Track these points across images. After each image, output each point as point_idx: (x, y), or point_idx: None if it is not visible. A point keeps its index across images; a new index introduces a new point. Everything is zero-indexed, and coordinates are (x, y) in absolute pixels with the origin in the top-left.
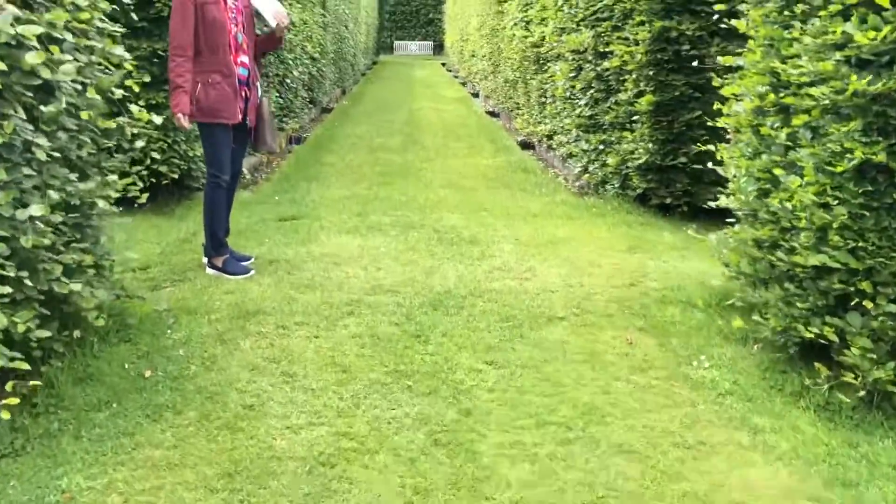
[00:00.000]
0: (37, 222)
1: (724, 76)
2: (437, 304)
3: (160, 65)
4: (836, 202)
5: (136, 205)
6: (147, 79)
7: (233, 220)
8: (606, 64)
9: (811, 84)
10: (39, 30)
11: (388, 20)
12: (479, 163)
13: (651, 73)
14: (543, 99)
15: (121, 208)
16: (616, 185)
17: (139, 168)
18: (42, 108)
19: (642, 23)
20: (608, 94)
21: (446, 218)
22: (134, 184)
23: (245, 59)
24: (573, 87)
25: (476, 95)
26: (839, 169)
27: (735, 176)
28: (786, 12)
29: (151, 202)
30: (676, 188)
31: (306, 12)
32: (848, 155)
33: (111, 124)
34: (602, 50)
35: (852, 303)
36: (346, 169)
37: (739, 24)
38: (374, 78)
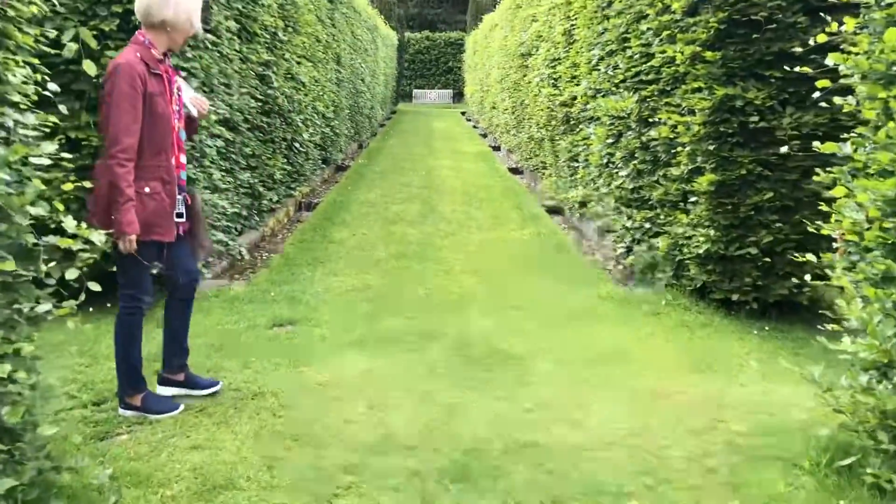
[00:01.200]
0: None
1: (828, 168)
2: (463, 472)
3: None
4: None
5: (108, 304)
6: None
7: (216, 327)
8: (653, 133)
9: None
10: None
11: (407, 69)
12: (506, 237)
13: (711, 147)
14: (575, 163)
15: (91, 308)
16: (668, 273)
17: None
18: None
19: (699, 89)
20: (655, 167)
21: (473, 321)
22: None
23: (184, 158)
24: (611, 154)
25: (497, 149)
26: None
27: (865, 312)
28: None
29: None
30: (744, 282)
31: (318, 70)
32: None
33: (9, 265)
34: (647, 117)
35: None
36: (357, 248)
37: (869, 113)
38: (392, 130)
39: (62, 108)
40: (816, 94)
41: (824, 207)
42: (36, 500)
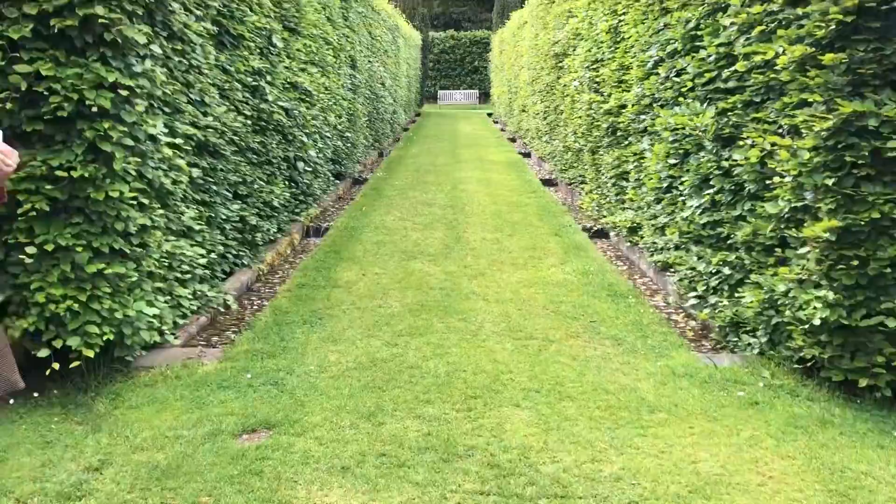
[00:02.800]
0: None
1: None
2: None
3: (68, 186)
4: None
5: (34, 394)
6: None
7: (168, 433)
8: (737, 156)
9: None
10: None
11: (431, 69)
12: (546, 277)
13: (829, 181)
14: (623, 181)
15: (12, 401)
16: (762, 340)
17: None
18: None
19: (808, 103)
20: (739, 199)
21: (509, 423)
22: None
23: None
24: (675, 177)
25: (527, 155)
26: None
27: None
28: None
29: (60, 389)
30: (873, 360)
31: (328, 77)
32: None
33: None
34: (729, 135)
35: None
36: (367, 296)
37: None
38: (415, 136)
39: None
40: None
41: None
42: None
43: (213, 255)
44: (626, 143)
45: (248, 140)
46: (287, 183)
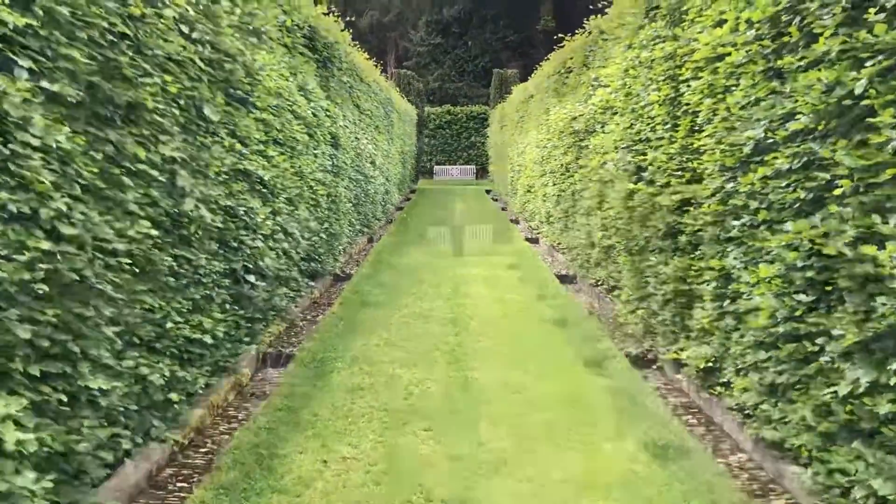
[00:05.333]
0: None
1: None
2: None
3: None
4: None
5: None
6: None
7: None
8: None
9: None
10: None
11: (427, 144)
12: (608, 471)
13: None
14: (690, 302)
15: None
16: None
17: None
18: None
19: None
20: None
21: None
22: None
23: None
24: (803, 319)
25: (535, 241)
26: None
27: None
28: None
29: None
30: None
31: (298, 159)
32: None
33: None
34: None
35: None
36: None
37: None
38: (409, 217)
39: None
40: None
41: None
42: None
43: (74, 460)
44: (697, 253)
45: (154, 259)
46: (230, 306)
